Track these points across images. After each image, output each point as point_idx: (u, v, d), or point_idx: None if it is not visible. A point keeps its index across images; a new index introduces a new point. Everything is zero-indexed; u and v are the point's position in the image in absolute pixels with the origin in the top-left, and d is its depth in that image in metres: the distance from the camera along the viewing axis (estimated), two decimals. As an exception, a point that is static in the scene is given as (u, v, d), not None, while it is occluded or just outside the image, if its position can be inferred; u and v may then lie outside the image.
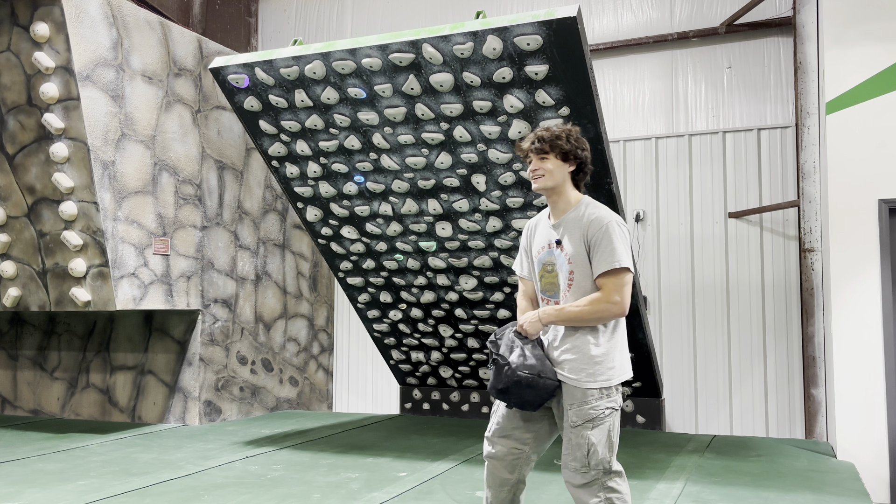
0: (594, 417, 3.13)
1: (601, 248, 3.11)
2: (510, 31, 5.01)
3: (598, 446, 3.13)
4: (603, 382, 3.14)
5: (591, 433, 3.13)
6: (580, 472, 3.16)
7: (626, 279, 3.11)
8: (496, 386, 3.21)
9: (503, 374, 3.16)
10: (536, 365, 3.14)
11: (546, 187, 3.25)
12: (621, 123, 8.33)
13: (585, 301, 3.13)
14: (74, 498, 4.65)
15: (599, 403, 3.13)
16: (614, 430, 3.18)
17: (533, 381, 3.12)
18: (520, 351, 3.18)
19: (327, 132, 6.11)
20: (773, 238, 7.71)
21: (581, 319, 3.13)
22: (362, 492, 4.83)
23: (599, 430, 3.13)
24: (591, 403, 3.13)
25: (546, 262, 3.28)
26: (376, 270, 7.12)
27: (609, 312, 3.11)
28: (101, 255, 6.54)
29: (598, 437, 3.13)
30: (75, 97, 6.36)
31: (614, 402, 3.17)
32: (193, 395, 7.47)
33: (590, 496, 3.14)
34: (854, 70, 5.92)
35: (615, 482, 3.17)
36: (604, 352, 3.16)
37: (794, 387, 7.54)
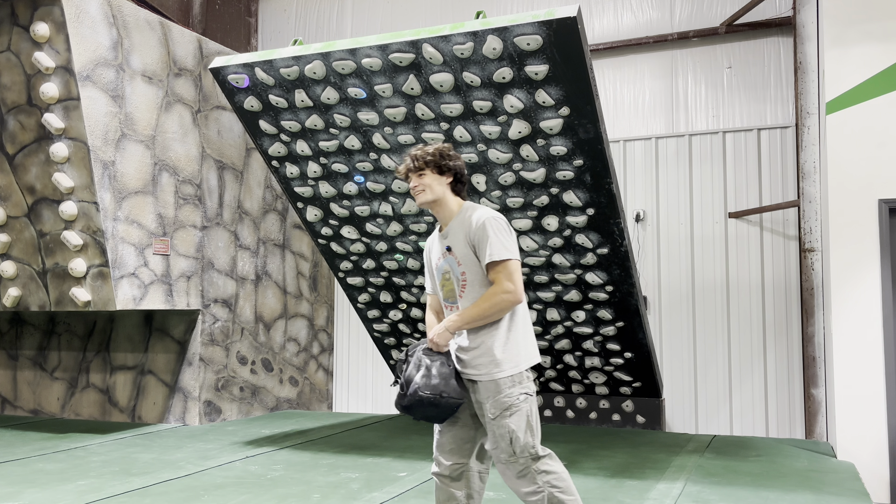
0: (510, 405, 3.21)
1: (483, 244, 3.24)
2: (510, 31, 5.01)
3: (518, 432, 3.19)
4: (511, 370, 3.23)
5: (509, 421, 3.19)
6: (510, 463, 3.22)
7: (512, 267, 3.23)
8: (400, 403, 3.33)
9: (407, 393, 3.28)
10: (439, 385, 3.24)
11: (427, 201, 3.40)
12: (621, 123, 8.33)
13: (482, 298, 3.24)
14: (74, 498, 4.65)
15: (512, 391, 3.21)
16: (532, 415, 3.25)
17: (435, 401, 3.23)
18: (425, 370, 3.28)
19: (327, 132, 6.11)
20: (773, 238, 7.71)
21: (483, 317, 3.23)
22: (362, 492, 4.83)
23: (517, 417, 3.20)
24: (504, 392, 3.21)
25: (444, 271, 3.41)
26: (376, 270, 7.12)
27: (506, 302, 3.21)
28: (101, 255, 6.54)
29: (516, 423, 3.19)
30: (75, 97, 6.36)
31: (527, 388, 3.25)
32: (193, 395, 7.47)
33: (528, 485, 3.22)
34: (854, 70, 5.92)
35: (547, 465, 3.23)
36: (505, 340, 3.25)
37: (794, 387, 7.54)
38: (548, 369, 7.32)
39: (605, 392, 7.33)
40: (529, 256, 6.40)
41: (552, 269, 6.43)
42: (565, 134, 5.46)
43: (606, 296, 6.44)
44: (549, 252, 6.30)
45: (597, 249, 6.13)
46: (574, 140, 5.47)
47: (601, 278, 6.31)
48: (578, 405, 7.46)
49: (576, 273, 6.36)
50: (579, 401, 7.45)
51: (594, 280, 6.34)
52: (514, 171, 5.83)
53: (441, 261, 3.42)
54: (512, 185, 5.93)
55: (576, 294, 6.52)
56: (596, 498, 4.70)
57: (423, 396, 3.23)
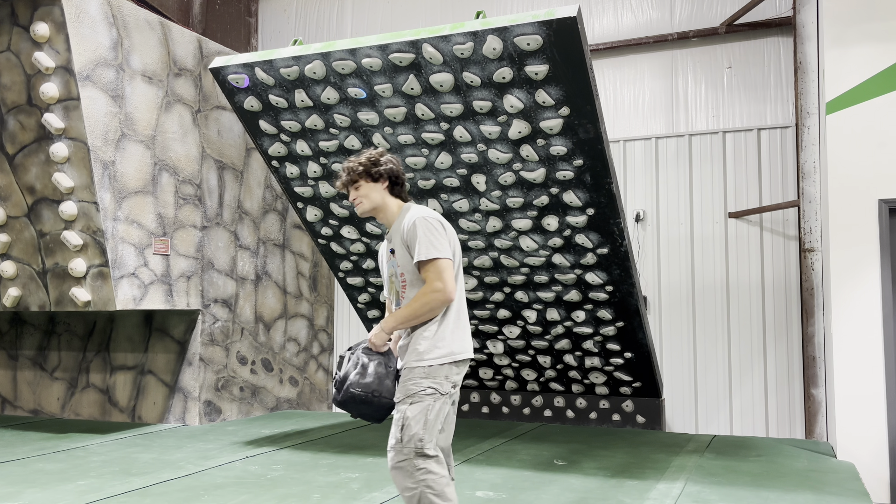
0: (413, 393, 3.24)
1: (413, 244, 3.28)
2: (510, 31, 5.01)
3: (411, 420, 3.19)
4: (430, 361, 3.25)
5: (407, 408, 3.22)
6: (394, 449, 3.23)
7: (441, 265, 3.24)
8: (336, 398, 3.41)
9: (340, 389, 3.36)
10: (372, 383, 3.31)
11: (366, 210, 3.47)
12: (621, 123, 8.33)
13: (413, 298, 3.28)
14: (74, 498, 4.65)
15: (422, 381, 3.24)
16: (433, 411, 3.22)
17: (367, 399, 3.30)
18: (360, 368, 3.34)
19: (327, 132, 6.11)
20: (773, 238, 7.71)
21: (415, 316, 3.27)
22: (362, 492, 4.83)
23: (416, 407, 3.21)
24: (414, 380, 3.25)
25: (390, 273, 3.48)
26: (376, 270, 7.12)
27: (437, 301, 3.24)
28: (101, 255, 6.54)
29: (413, 412, 3.20)
30: (75, 97, 6.36)
31: (438, 384, 3.24)
32: (193, 395, 7.47)
33: (405, 478, 3.20)
34: (854, 70, 5.92)
35: (429, 465, 3.19)
36: (432, 335, 3.28)
37: (794, 387, 7.54)
38: (548, 369, 7.32)
39: (605, 392, 7.33)
40: (529, 256, 6.40)
41: (552, 269, 6.43)
42: (565, 134, 5.46)
43: (606, 296, 6.44)
44: (549, 252, 6.30)
45: (597, 249, 6.13)
46: (574, 140, 5.47)
47: (601, 278, 6.31)
48: (578, 405, 7.46)
49: (576, 273, 6.36)
50: (579, 401, 7.46)
51: (594, 280, 6.34)
52: (514, 171, 5.83)
53: (388, 264, 3.48)
54: (512, 185, 5.93)
55: (576, 294, 6.52)
56: (596, 498, 4.70)
57: (354, 393, 3.31)
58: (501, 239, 6.36)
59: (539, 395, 7.59)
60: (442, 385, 3.25)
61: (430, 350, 3.26)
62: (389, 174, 3.46)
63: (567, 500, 4.65)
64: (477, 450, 6.13)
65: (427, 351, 3.26)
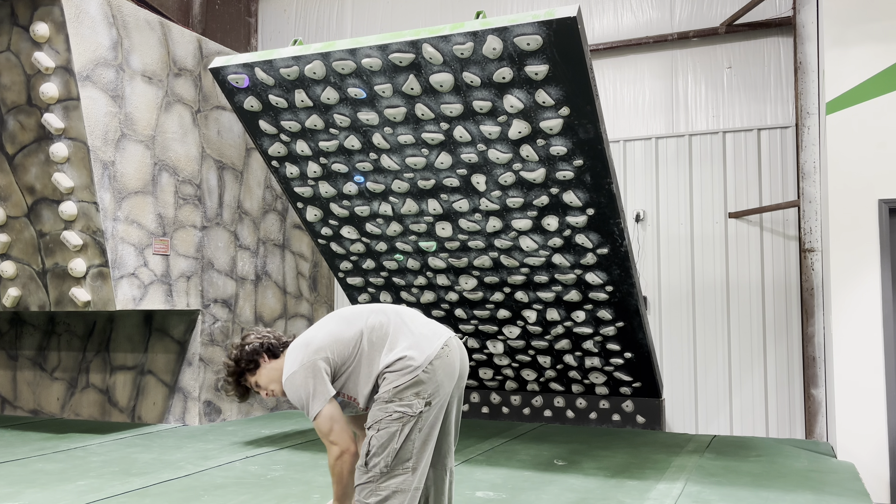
0: (380, 419, 3.10)
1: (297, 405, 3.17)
2: (510, 31, 5.01)
3: (375, 449, 3.07)
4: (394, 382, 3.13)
5: (374, 435, 3.09)
6: (359, 469, 3.12)
7: (320, 423, 3.11)
8: None
9: None
10: None
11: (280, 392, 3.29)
12: (621, 123, 8.33)
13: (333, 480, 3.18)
14: (74, 498, 4.65)
15: (389, 405, 3.09)
16: (400, 437, 3.05)
17: None
18: None
19: (327, 132, 6.11)
20: (773, 238, 7.71)
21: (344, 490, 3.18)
22: (362, 492, 4.82)
23: (383, 433, 3.07)
24: (381, 405, 3.12)
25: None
26: (376, 270, 7.12)
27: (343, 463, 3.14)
28: (100, 255, 6.54)
29: (378, 441, 3.07)
30: (75, 97, 6.36)
31: (408, 406, 3.07)
32: (193, 395, 7.47)
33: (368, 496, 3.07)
34: (854, 70, 5.92)
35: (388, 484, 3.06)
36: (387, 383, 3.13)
37: (794, 387, 7.54)
38: (548, 369, 7.32)
39: (605, 392, 7.33)
40: (529, 256, 6.40)
41: (552, 269, 6.42)
42: (565, 134, 5.45)
43: (606, 296, 6.44)
44: (549, 252, 6.30)
45: (597, 249, 6.12)
46: (574, 140, 5.47)
47: (601, 278, 6.31)
48: (578, 405, 7.46)
49: (576, 273, 6.36)
50: (579, 401, 7.45)
51: (594, 280, 6.33)
52: (514, 171, 5.83)
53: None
54: (512, 185, 5.93)
55: (576, 294, 6.52)
56: (596, 498, 4.70)
57: None
58: (501, 239, 6.36)
59: (539, 396, 7.59)
60: (412, 406, 3.08)
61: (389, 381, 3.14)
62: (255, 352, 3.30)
63: (567, 500, 4.65)
64: (477, 450, 6.13)
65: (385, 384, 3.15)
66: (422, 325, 3.29)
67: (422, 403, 3.09)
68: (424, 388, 3.11)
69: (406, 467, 3.07)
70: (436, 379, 3.14)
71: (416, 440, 3.09)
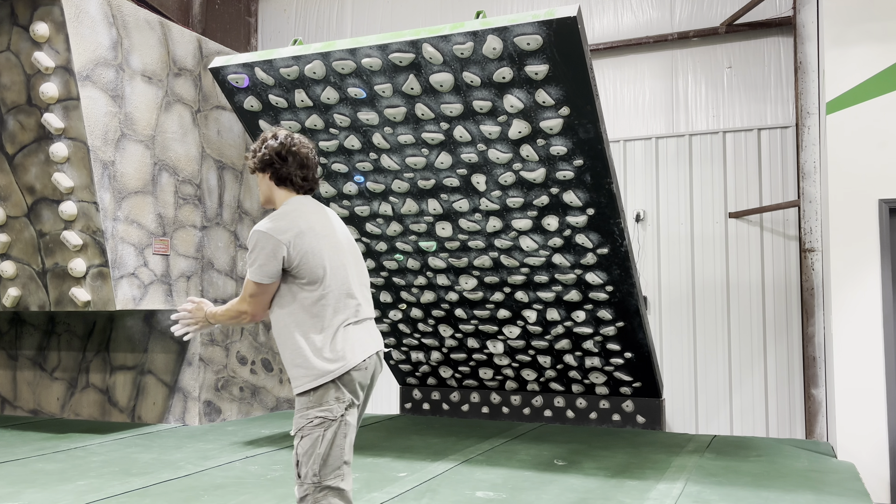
0: (302, 427, 2.99)
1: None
2: (510, 31, 5.01)
3: (302, 458, 2.95)
4: (306, 384, 2.99)
5: (298, 443, 2.97)
6: (296, 483, 3.00)
7: (251, 290, 3.04)
8: None
9: None
10: None
11: (263, 204, 3.27)
12: (621, 123, 8.33)
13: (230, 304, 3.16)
14: (74, 498, 4.65)
15: (309, 412, 2.98)
16: (323, 443, 2.94)
17: None
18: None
19: (327, 132, 6.11)
20: (773, 238, 7.71)
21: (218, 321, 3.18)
22: (362, 492, 4.83)
23: (306, 441, 2.95)
24: (302, 412, 3.00)
25: None
26: (376, 270, 7.12)
27: (237, 320, 3.11)
28: (100, 255, 6.54)
29: (303, 448, 2.95)
30: (75, 97, 6.36)
31: (327, 410, 2.96)
32: (193, 395, 7.47)
33: None
34: (854, 70, 5.91)
35: (329, 500, 2.95)
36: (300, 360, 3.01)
37: (794, 387, 7.54)
38: (548, 369, 7.32)
39: (605, 392, 7.33)
40: (529, 256, 6.40)
41: (552, 269, 6.42)
42: (565, 134, 5.45)
43: (606, 296, 6.43)
44: (549, 252, 6.30)
45: (597, 249, 6.12)
46: (574, 140, 5.47)
47: (601, 278, 6.31)
48: (578, 405, 7.46)
49: (576, 273, 6.36)
50: (579, 401, 7.45)
51: (594, 280, 6.33)
52: (514, 171, 5.83)
53: None
54: (512, 185, 5.93)
55: (576, 294, 6.52)
56: (596, 498, 4.70)
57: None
58: (501, 239, 6.36)
59: (539, 395, 7.59)
60: (332, 410, 2.96)
61: (304, 374, 3.00)
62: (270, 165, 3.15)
63: (567, 500, 4.65)
64: (477, 450, 6.13)
65: (301, 375, 3.00)
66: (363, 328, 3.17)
67: (341, 407, 2.99)
68: (349, 393, 3.03)
69: (338, 474, 2.98)
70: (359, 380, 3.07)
71: (339, 447, 2.99)
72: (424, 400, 8.11)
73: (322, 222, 3.16)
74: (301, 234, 3.03)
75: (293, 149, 3.15)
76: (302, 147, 3.18)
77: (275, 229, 3.02)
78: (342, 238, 3.22)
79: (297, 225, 3.05)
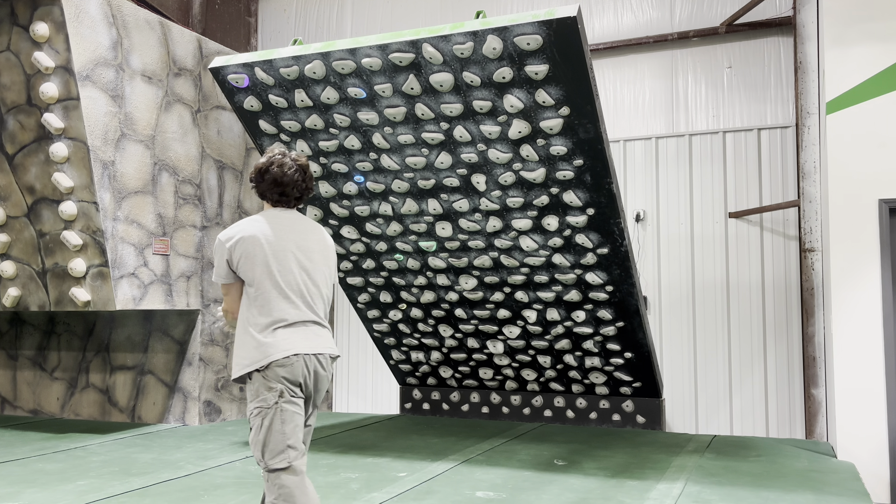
0: (250, 417, 3.35)
1: None
2: (510, 31, 5.01)
3: (251, 445, 3.32)
4: (236, 372, 3.36)
5: (251, 433, 3.34)
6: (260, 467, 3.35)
7: (221, 290, 3.53)
8: None
9: None
10: None
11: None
12: (621, 123, 8.33)
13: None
14: (74, 498, 4.65)
15: (251, 404, 3.34)
16: (262, 430, 3.26)
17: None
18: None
19: (327, 132, 6.11)
20: (773, 238, 7.71)
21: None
22: (362, 492, 4.83)
23: (252, 430, 3.32)
24: (247, 402, 3.38)
25: None
26: (376, 270, 7.12)
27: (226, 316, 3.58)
28: (100, 255, 6.54)
29: (251, 437, 3.33)
30: (75, 97, 6.36)
31: (263, 400, 3.27)
32: (193, 395, 7.47)
33: (269, 493, 3.29)
34: (854, 70, 5.91)
35: (281, 479, 3.25)
36: (240, 342, 3.39)
37: (794, 387, 7.54)
38: (548, 369, 7.32)
39: (605, 392, 7.33)
40: (529, 256, 6.40)
41: (552, 269, 6.42)
42: (565, 134, 5.45)
43: (606, 296, 6.43)
44: (549, 252, 6.30)
45: (597, 249, 6.12)
46: (574, 140, 5.47)
47: (601, 278, 6.31)
48: (578, 405, 7.46)
49: (576, 273, 6.36)
50: (579, 401, 7.45)
51: (594, 280, 6.33)
52: (514, 171, 5.83)
53: None
54: (512, 185, 5.92)
55: (576, 294, 6.52)
56: (596, 498, 4.70)
57: None
58: (501, 239, 6.36)
59: (539, 395, 7.59)
60: (266, 399, 3.26)
61: (235, 365, 3.37)
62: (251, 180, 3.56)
63: (567, 500, 4.65)
64: (477, 450, 6.13)
65: (234, 366, 3.38)
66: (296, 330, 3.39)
67: (274, 396, 3.27)
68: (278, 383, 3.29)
69: (283, 457, 3.24)
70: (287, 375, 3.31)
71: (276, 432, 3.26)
72: (424, 400, 8.12)
73: (280, 232, 3.43)
74: (242, 240, 3.38)
75: (271, 168, 3.48)
76: (282, 167, 3.49)
77: (223, 235, 3.44)
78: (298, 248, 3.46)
79: (243, 231, 3.41)
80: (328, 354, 3.45)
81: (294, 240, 3.46)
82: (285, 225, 3.48)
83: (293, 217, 3.54)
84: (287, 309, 3.36)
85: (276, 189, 3.49)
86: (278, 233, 3.43)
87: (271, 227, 3.43)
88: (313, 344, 3.39)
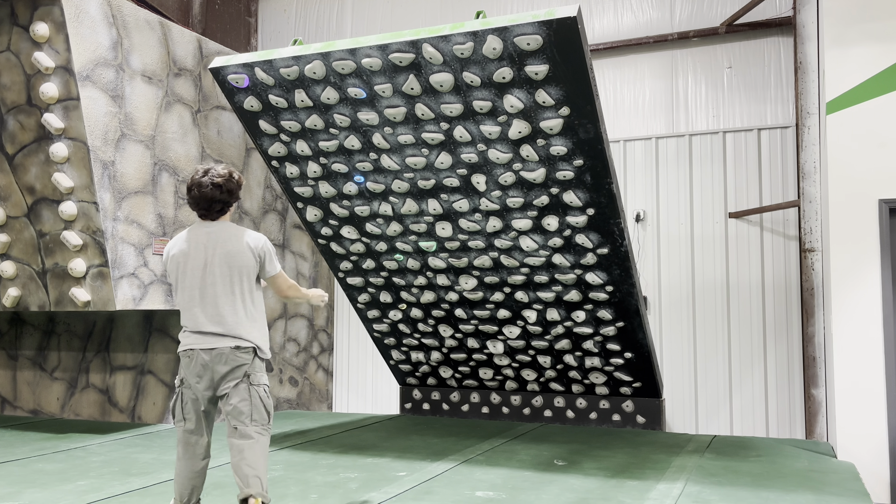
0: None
1: None
2: (510, 31, 5.01)
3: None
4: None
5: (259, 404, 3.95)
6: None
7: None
8: None
9: None
10: None
11: None
12: (621, 123, 8.33)
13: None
14: (74, 498, 4.65)
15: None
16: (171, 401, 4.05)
17: None
18: None
19: (327, 132, 6.11)
20: (773, 238, 7.71)
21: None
22: (361, 492, 4.83)
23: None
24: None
25: None
26: (376, 270, 7.12)
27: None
28: (100, 255, 6.54)
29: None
30: (75, 97, 6.36)
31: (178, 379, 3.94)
32: (193, 395, 7.46)
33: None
34: (854, 70, 5.91)
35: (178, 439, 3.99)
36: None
37: (794, 387, 7.54)
38: (548, 369, 7.32)
39: (605, 392, 7.33)
40: (529, 256, 6.40)
41: (552, 269, 6.42)
42: (565, 134, 5.45)
43: (606, 296, 6.43)
44: (549, 252, 6.30)
45: (597, 249, 6.12)
46: (574, 140, 5.47)
47: (601, 278, 6.31)
48: (578, 405, 7.46)
49: (576, 273, 6.36)
50: (579, 401, 7.45)
51: (594, 280, 6.33)
52: (514, 171, 5.83)
53: None
54: (512, 185, 5.93)
55: (576, 294, 6.52)
56: (596, 498, 4.70)
57: None
58: (501, 239, 6.36)
59: (539, 396, 7.59)
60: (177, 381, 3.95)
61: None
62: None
63: (567, 500, 4.65)
64: (477, 450, 6.13)
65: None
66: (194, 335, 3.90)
67: (179, 379, 3.93)
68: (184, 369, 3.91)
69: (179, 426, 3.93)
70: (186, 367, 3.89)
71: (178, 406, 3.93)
72: (424, 400, 8.12)
73: (196, 247, 3.89)
74: (171, 256, 3.97)
75: (192, 188, 3.92)
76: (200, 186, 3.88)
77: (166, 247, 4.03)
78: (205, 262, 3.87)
79: (173, 246, 3.97)
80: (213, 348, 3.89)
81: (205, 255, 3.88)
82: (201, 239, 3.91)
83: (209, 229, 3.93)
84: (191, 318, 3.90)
85: (195, 206, 3.93)
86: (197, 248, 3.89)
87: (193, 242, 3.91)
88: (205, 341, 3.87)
